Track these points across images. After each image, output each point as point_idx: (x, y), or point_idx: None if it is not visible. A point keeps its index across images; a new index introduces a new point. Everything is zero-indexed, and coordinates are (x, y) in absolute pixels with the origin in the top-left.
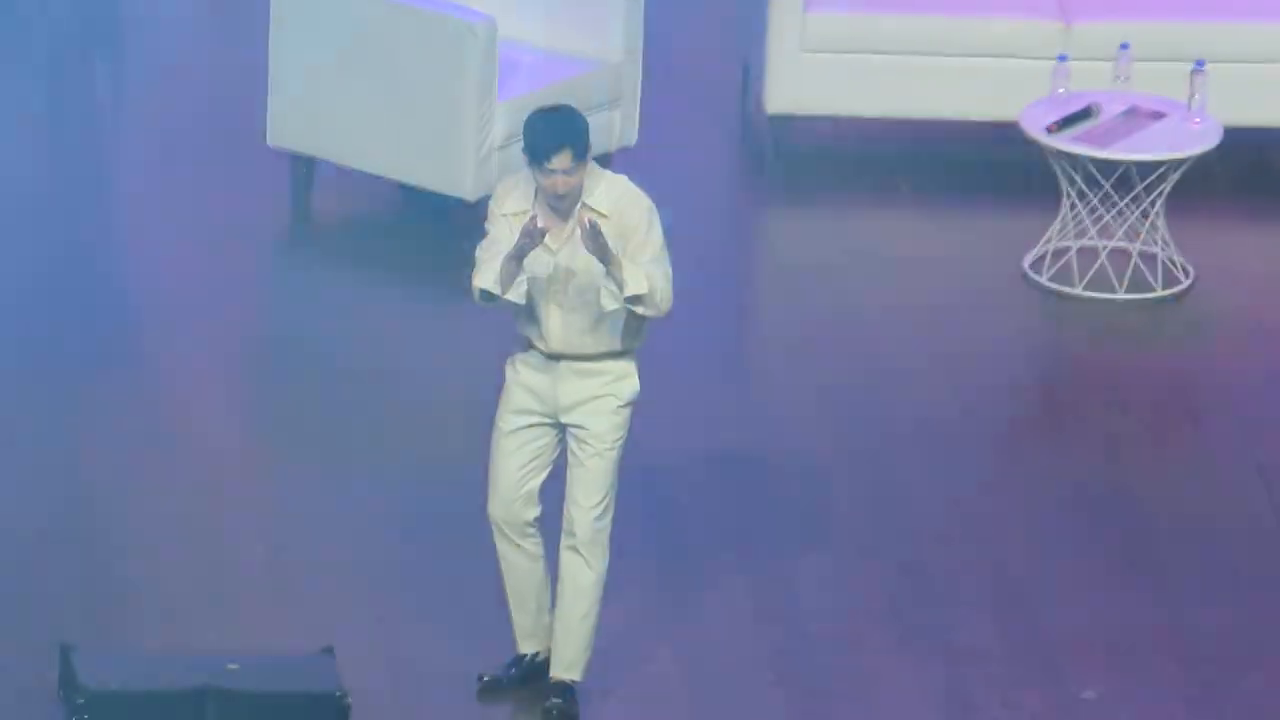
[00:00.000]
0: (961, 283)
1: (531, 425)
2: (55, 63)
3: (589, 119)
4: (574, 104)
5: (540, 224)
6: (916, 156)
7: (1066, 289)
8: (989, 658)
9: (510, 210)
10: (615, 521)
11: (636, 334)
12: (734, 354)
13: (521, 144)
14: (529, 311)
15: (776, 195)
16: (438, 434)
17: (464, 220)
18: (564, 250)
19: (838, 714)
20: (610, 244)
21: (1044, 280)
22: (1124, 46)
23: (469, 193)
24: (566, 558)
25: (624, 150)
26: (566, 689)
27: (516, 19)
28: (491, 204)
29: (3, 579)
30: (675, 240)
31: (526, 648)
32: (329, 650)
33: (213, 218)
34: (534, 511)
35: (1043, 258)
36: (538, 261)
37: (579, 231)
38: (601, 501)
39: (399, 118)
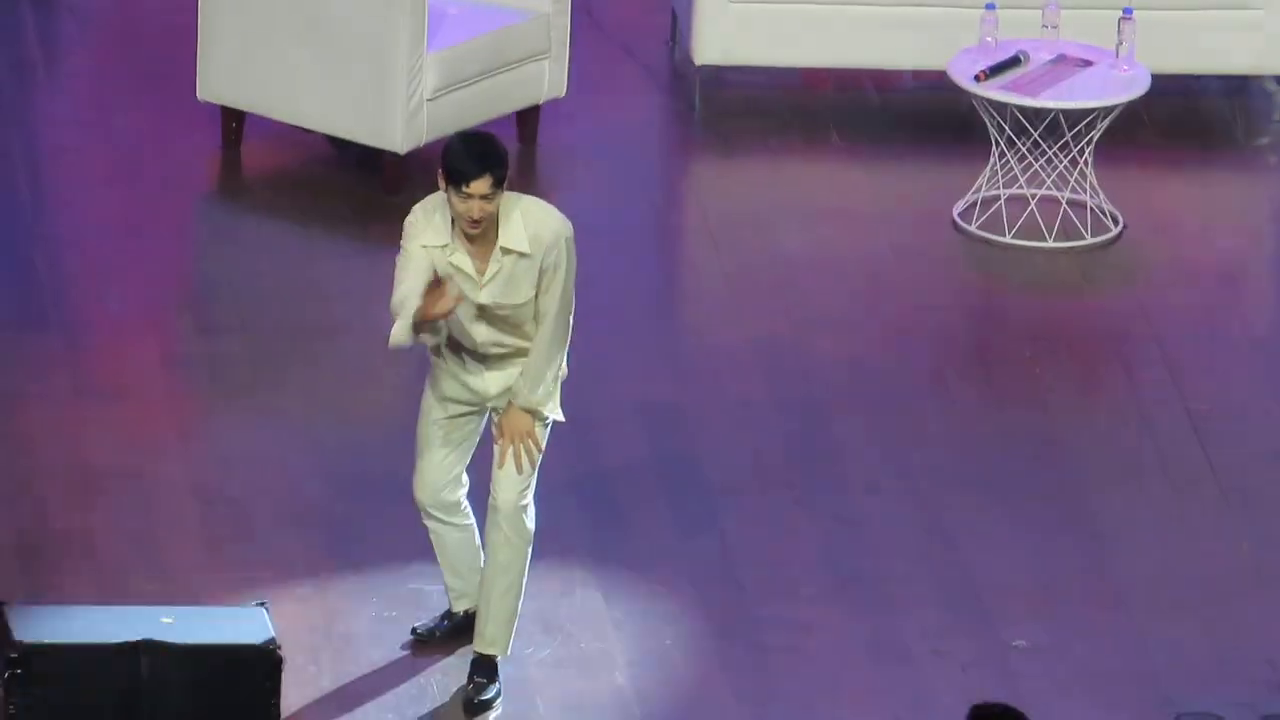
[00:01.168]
0: (891, 232)
1: (458, 415)
2: None
3: (519, 70)
4: (503, 55)
5: (452, 269)
6: (845, 106)
7: (996, 237)
8: (921, 606)
9: (429, 243)
10: (546, 475)
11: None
12: (664, 304)
13: (440, 163)
14: (453, 326)
15: (706, 146)
16: (370, 386)
17: (394, 173)
18: (489, 286)
19: (772, 664)
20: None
21: (973, 229)
22: None
23: (399, 145)
24: (490, 534)
25: (554, 101)
26: (490, 665)
27: None
28: (405, 238)
29: None
30: (603, 191)
31: (459, 607)
32: (262, 603)
33: (144, 171)
34: (460, 492)
35: (972, 206)
36: (462, 307)
37: (503, 269)
38: (526, 478)
39: (329, 70)
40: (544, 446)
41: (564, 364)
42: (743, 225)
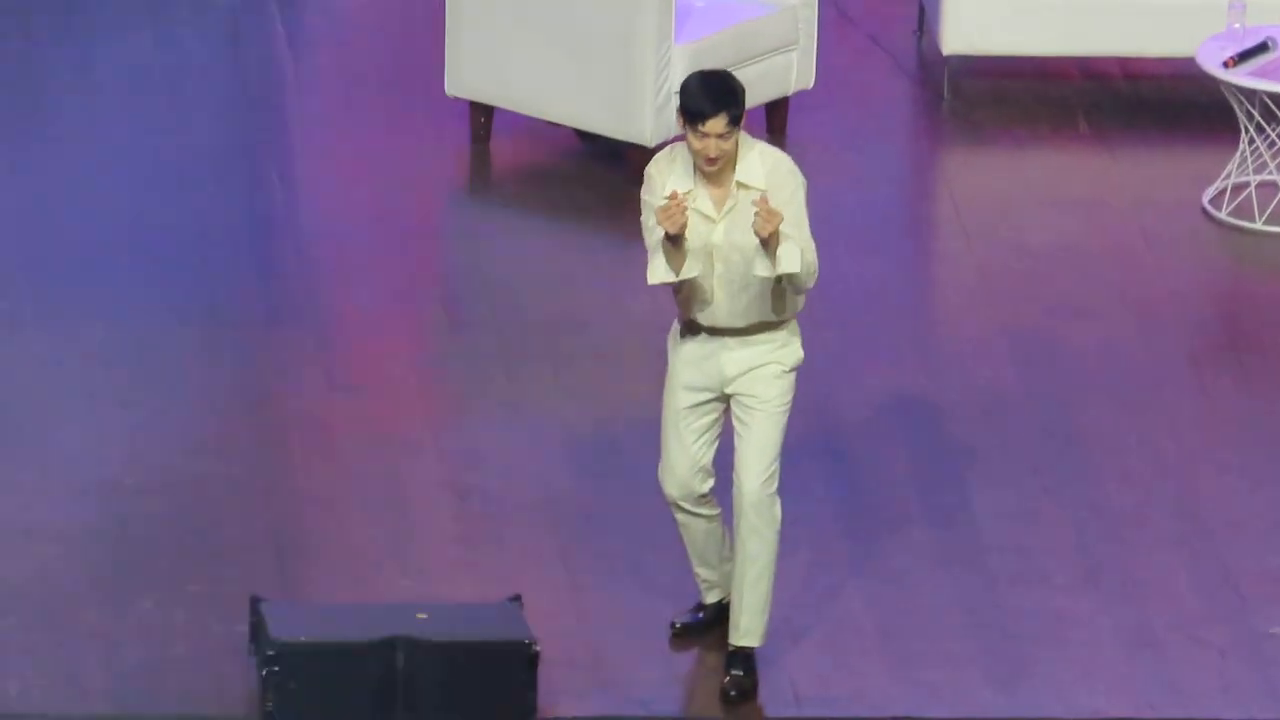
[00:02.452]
0: (1140, 219)
1: (700, 403)
2: (235, 13)
3: (766, 62)
4: (751, 48)
5: (685, 199)
6: (1093, 94)
7: (1246, 224)
8: (1176, 594)
9: (680, 190)
10: (798, 463)
11: (791, 305)
12: (914, 295)
13: (679, 103)
14: (690, 287)
15: (954, 135)
16: (621, 377)
17: (642, 166)
18: (723, 222)
19: (1024, 652)
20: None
21: (1223, 215)
22: None
23: (647, 138)
24: (738, 524)
25: (801, 93)
26: (746, 657)
27: None
28: (645, 189)
29: (193, 533)
30: (852, 181)
31: (710, 599)
32: (517, 598)
33: (393, 167)
34: (709, 483)
35: (1222, 193)
36: (696, 234)
37: (738, 204)
38: (769, 466)
39: (576, 64)
40: (790, 400)
41: (809, 274)
42: (992, 214)
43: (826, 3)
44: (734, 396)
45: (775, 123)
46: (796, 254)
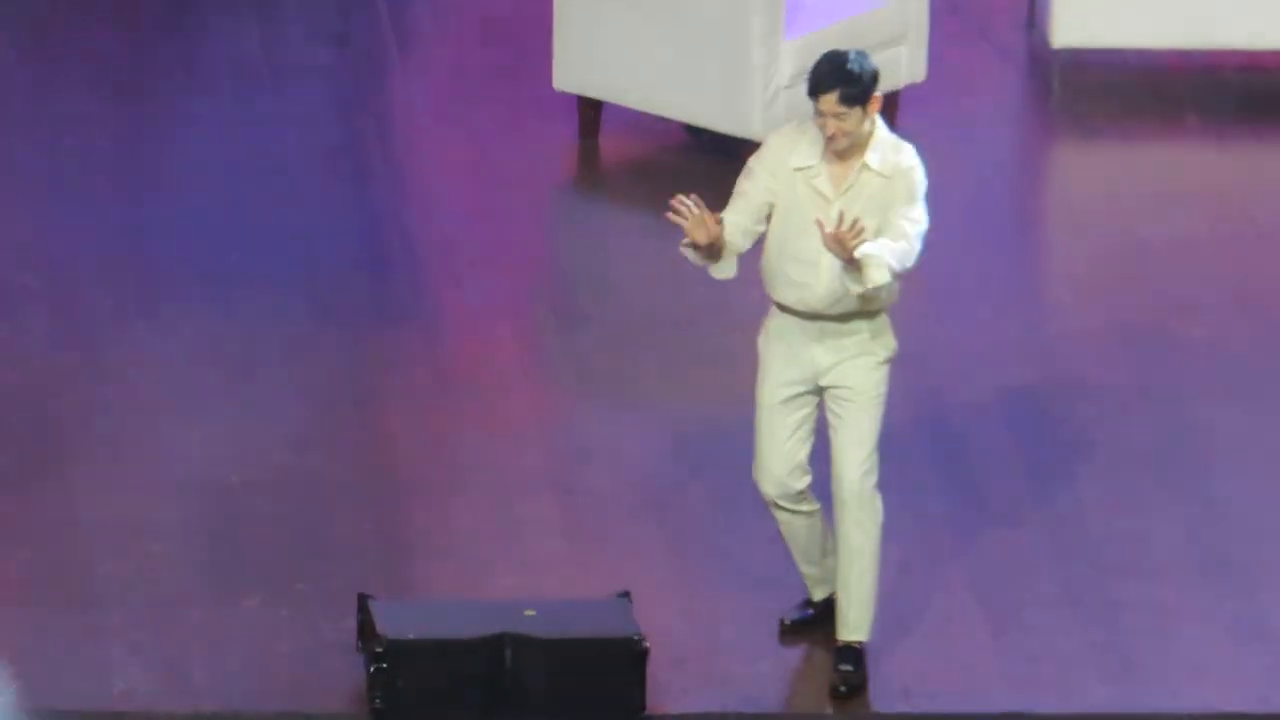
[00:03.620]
0: (1250, 214)
1: (793, 396)
2: (343, 8)
3: (876, 55)
4: (861, 42)
5: (812, 192)
6: (1204, 87)
7: None
8: None
9: (792, 164)
10: (908, 456)
11: (887, 294)
12: (1024, 288)
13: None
14: (794, 270)
15: (1064, 129)
16: (727, 374)
17: None
18: (842, 198)
19: (1135, 646)
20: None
21: None
22: None
23: (757, 132)
24: (840, 519)
25: (912, 86)
26: (855, 652)
27: None
28: (756, 156)
29: (301, 531)
30: (963, 174)
31: (818, 595)
32: (625, 594)
33: (502, 162)
34: (805, 480)
35: None
36: (812, 208)
37: (857, 186)
38: (868, 458)
39: (685, 58)
40: (885, 391)
41: (906, 266)
42: (1102, 209)
43: None
44: (828, 390)
45: (886, 116)
46: (884, 265)
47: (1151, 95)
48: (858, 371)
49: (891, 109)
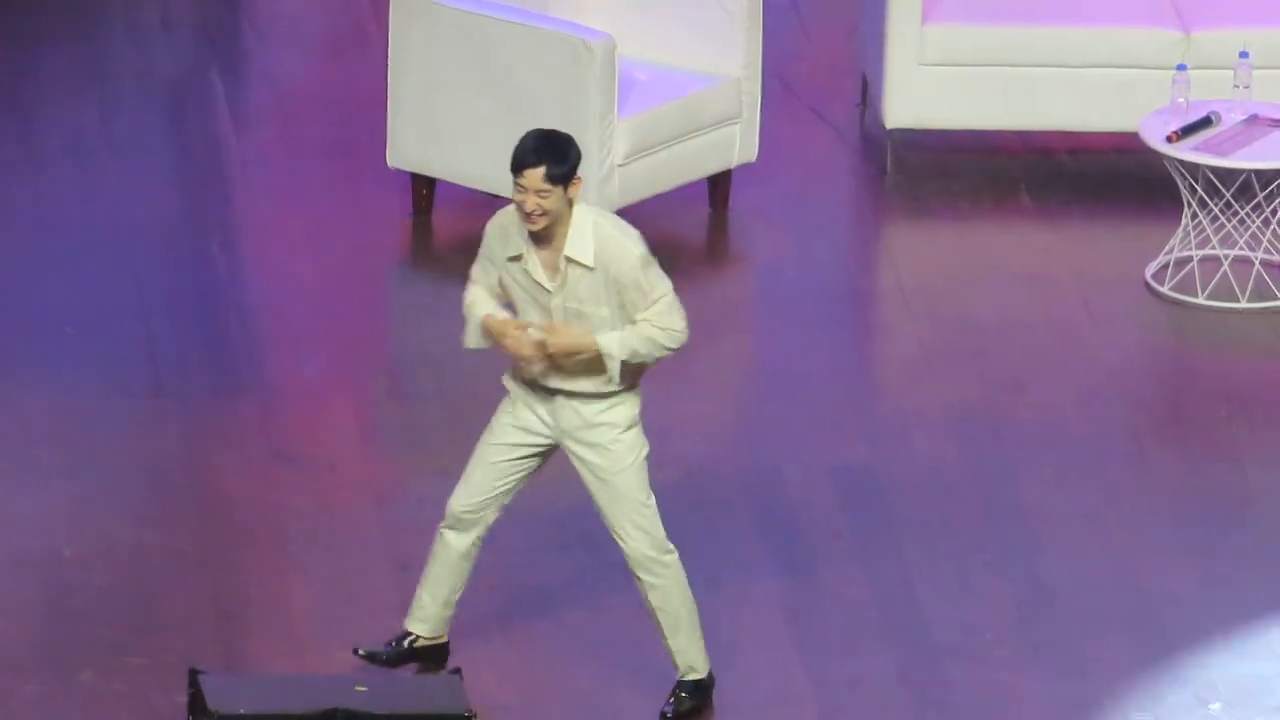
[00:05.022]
0: (1084, 294)
1: (528, 445)
2: (177, 84)
3: (710, 135)
4: (695, 120)
5: (528, 280)
6: (1036, 168)
7: (1189, 299)
8: (1120, 673)
9: (504, 254)
10: (740, 535)
11: (634, 373)
12: (857, 369)
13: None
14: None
15: (897, 209)
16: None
17: None
18: (559, 295)
19: None
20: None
21: (1166, 290)
22: (1244, 55)
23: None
24: (640, 583)
25: (745, 166)
26: (690, 684)
27: (635, 36)
28: (486, 243)
29: (135, 604)
30: (795, 254)
31: (415, 628)
32: (456, 671)
33: (337, 238)
34: (495, 516)
35: (1165, 267)
36: (535, 296)
37: (568, 278)
38: (645, 524)
39: (519, 136)
40: (640, 455)
41: (665, 346)
42: (934, 288)
43: (770, 75)
44: (570, 453)
45: (718, 195)
46: (614, 343)
47: (984, 176)
48: (600, 448)
49: (724, 189)
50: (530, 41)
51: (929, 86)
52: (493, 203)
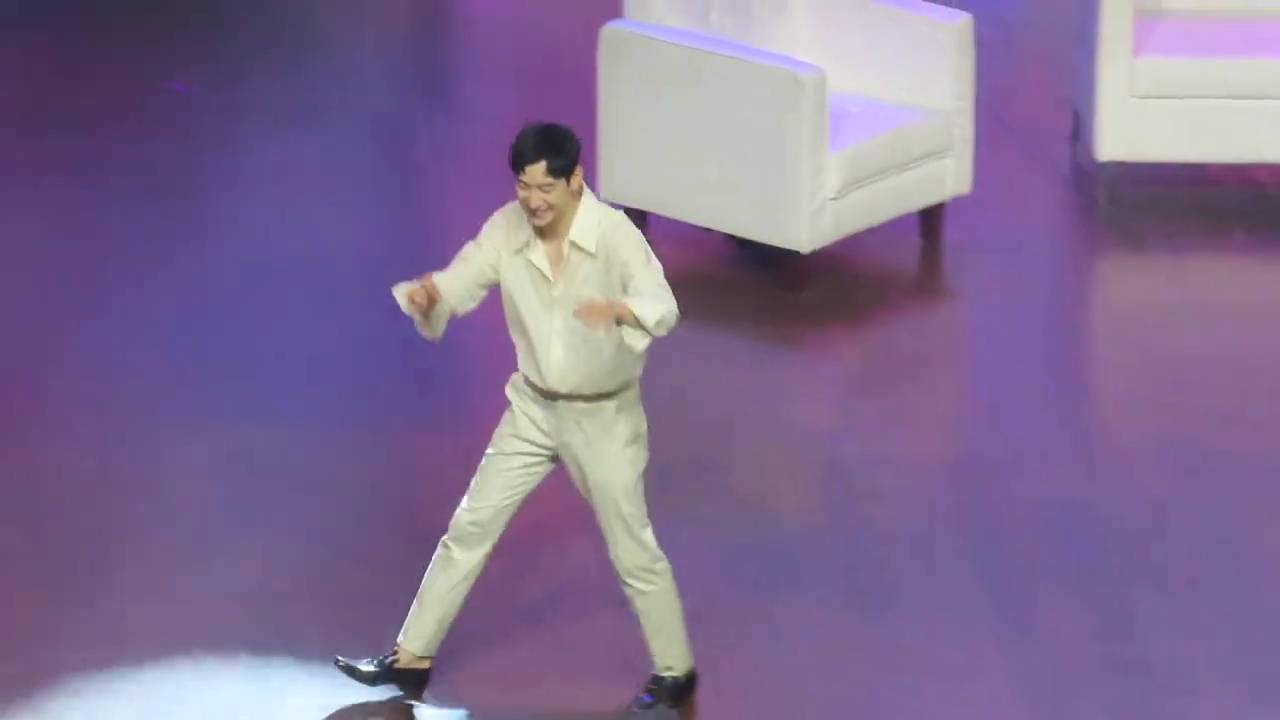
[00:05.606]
0: None
1: (530, 455)
2: (384, 118)
3: (922, 168)
4: (907, 154)
5: (533, 268)
6: (1248, 200)
7: None
8: None
9: (508, 246)
10: (956, 568)
11: (630, 370)
12: (1070, 401)
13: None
14: (528, 348)
15: (1109, 241)
16: (771, 482)
17: (797, 272)
18: (561, 281)
19: None
20: (605, 302)
21: None
22: None
23: (803, 244)
24: (627, 587)
25: (957, 199)
26: (661, 679)
27: (845, 69)
28: (491, 235)
29: (343, 635)
30: (1008, 287)
31: (412, 645)
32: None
33: None
34: (500, 531)
35: None
36: (537, 288)
37: (570, 264)
38: (634, 529)
39: (730, 170)
40: (639, 465)
41: (668, 323)
42: (1147, 320)
43: (982, 108)
44: (572, 466)
45: (930, 228)
46: (648, 306)
47: (1196, 208)
48: (601, 464)
49: (937, 221)
50: (741, 75)
51: (1141, 119)
52: (705, 236)
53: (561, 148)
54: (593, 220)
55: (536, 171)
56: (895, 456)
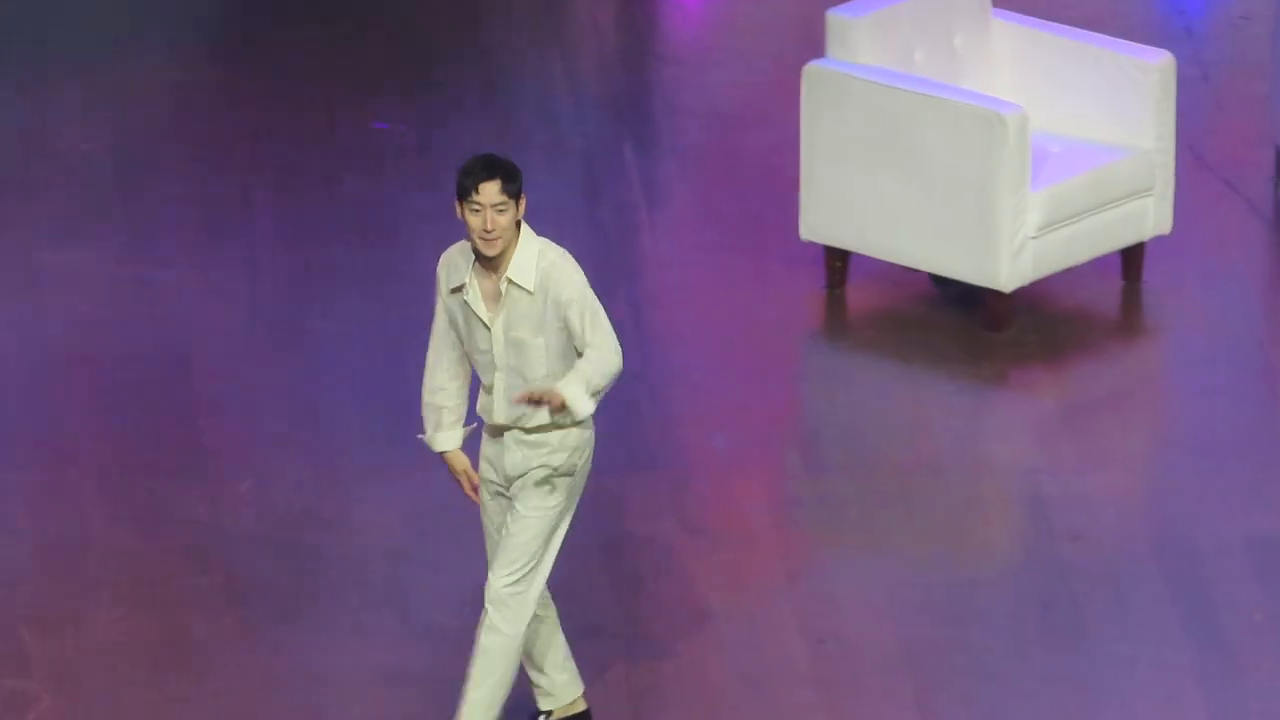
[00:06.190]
0: None
1: (500, 493)
2: (587, 156)
3: (1122, 208)
4: (1108, 193)
5: (469, 312)
6: None
7: None
8: None
9: (454, 285)
10: (1151, 607)
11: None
12: (1270, 440)
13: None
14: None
15: None
16: (979, 526)
17: (999, 311)
18: (499, 321)
19: None
20: (540, 393)
21: None
22: None
23: (1004, 283)
24: (485, 615)
25: (1159, 238)
26: None
27: (1047, 108)
28: (437, 281)
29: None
30: (1209, 327)
31: (545, 704)
32: None
33: (749, 311)
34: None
35: None
36: (475, 327)
37: (507, 301)
38: (520, 570)
39: (931, 209)
40: (559, 501)
41: (610, 377)
42: None
43: (1182, 147)
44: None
45: (1131, 268)
46: (582, 393)
47: None
48: (527, 487)
49: (1137, 261)
50: (942, 114)
51: None
52: (906, 275)
53: (513, 171)
54: (531, 255)
55: (492, 190)
56: (1096, 495)
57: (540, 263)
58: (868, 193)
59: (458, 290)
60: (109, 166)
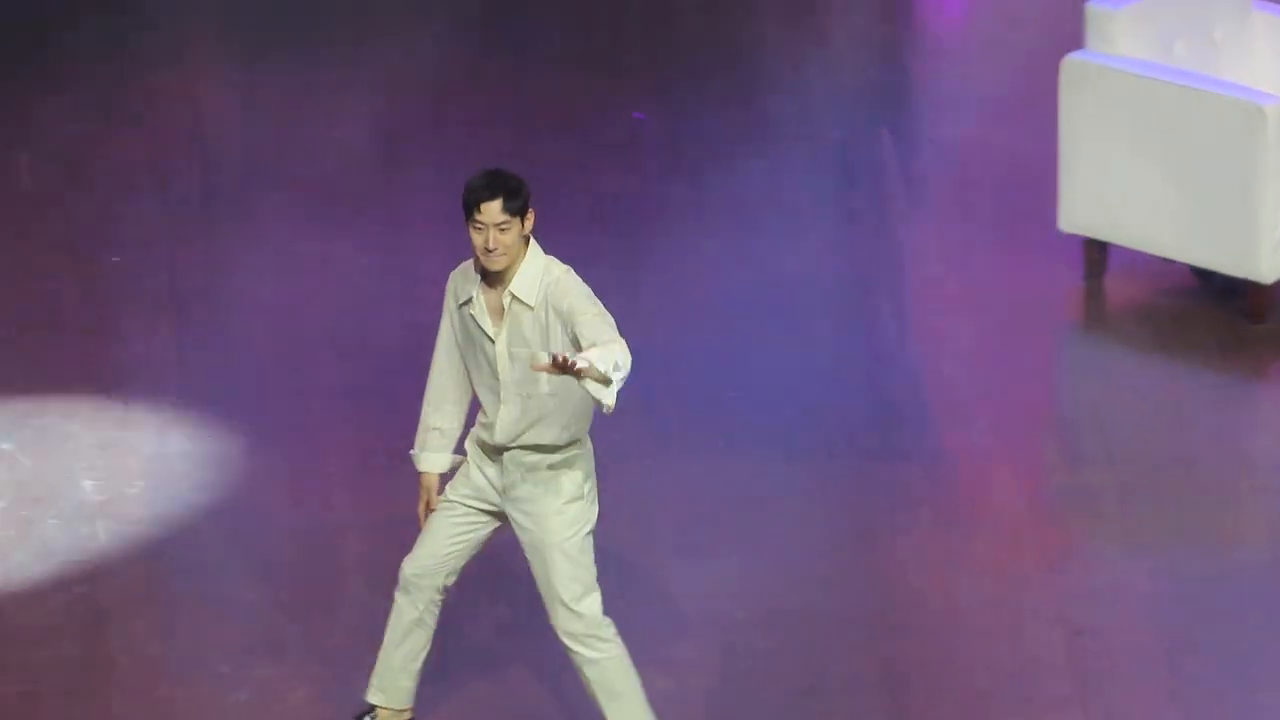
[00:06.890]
0: None
1: (477, 510)
2: (844, 146)
3: None
4: None
5: (475, 325)
6: None
7: None
8: None
9: (461, 299)
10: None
11: (577, 426)
12: None
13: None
14: (481, 401)
15: None
16: (1237, 519)
17: (1260, 303)
18: (502, 336)
19: None
20: (565, 356)
21: None
22: None
23: (1264, 275)
24: (574, 659)
25: None
26: None
27: None
28: (446, 294)
29: (801, 665)
30: None
31: (373, 698)
32: None
33: (1007, 302)
34: (446, 581)
35: None
36: (479, 342)
37: (511, 317)
38: (574, 597)
39: (1191, 201)
40: (578, 532)
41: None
42: None
43: None
44: (512, 521)
45: None
46: (605, 356)
47: None
48: (543, 519)
49: None
50: (1202, 106)
51: None
52: (1165, 267)
53: (517, 188)
54: (536, 271)
55: (493, 209)
56: None
57: (544, 278)
58: (1127, 184)
59: (465, 304)
60: (366, 155)
